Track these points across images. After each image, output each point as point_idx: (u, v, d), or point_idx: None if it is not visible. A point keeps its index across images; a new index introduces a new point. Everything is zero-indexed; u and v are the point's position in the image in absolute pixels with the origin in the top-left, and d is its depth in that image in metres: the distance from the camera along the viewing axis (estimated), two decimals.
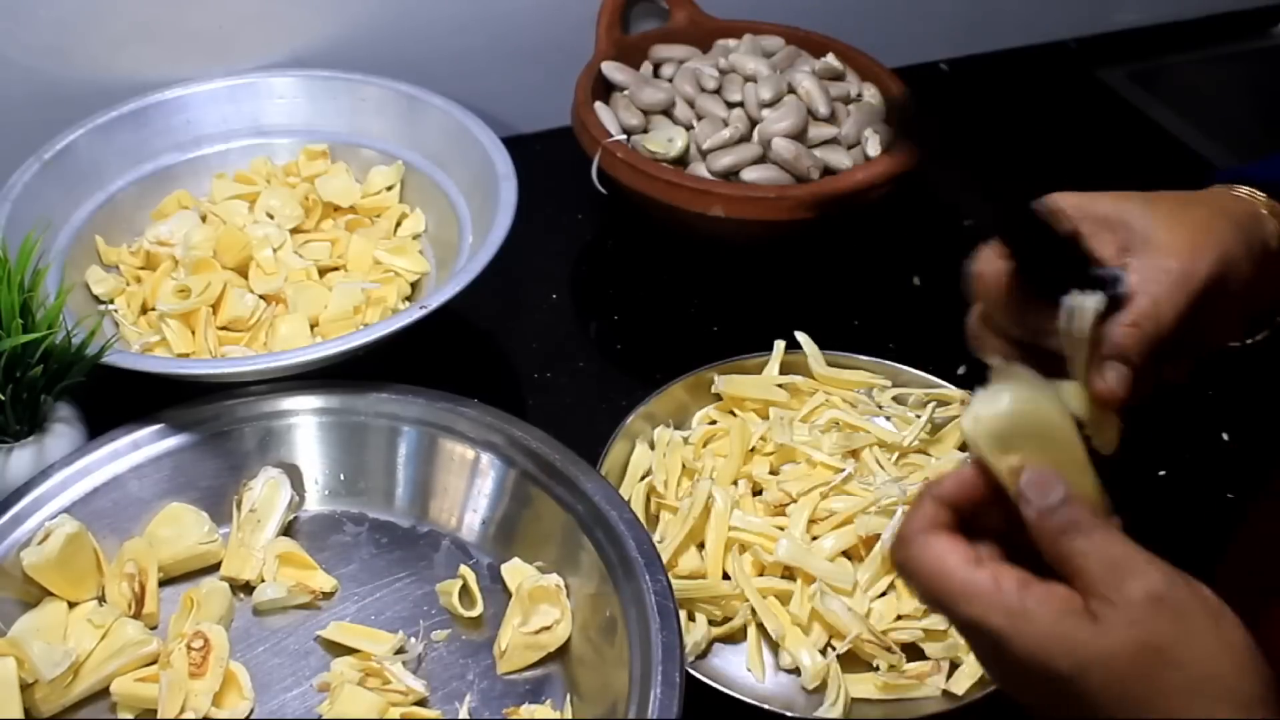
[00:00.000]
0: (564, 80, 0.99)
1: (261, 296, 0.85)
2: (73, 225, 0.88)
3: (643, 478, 0.78)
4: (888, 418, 0.82)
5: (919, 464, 0.78)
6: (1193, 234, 0.53)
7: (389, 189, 0.96)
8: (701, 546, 0.74)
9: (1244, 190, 0.58)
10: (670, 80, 1.01)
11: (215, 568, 0.73)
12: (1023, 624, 0.44)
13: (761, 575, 0.73)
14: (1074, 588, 0.44)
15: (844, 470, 0.75)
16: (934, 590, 0.46)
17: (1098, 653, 0.43)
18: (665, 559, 0.69)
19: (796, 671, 0.69)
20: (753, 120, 0.95)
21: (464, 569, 0.72)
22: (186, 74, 0.97)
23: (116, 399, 0.75)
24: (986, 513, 0.48)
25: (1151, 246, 0.54)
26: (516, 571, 0.71)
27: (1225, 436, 0.86)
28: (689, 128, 0.96)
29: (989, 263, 0.55)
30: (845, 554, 0.73)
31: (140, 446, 0.74)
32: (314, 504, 0.77)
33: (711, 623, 0.71)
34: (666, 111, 0.98)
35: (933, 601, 0.47)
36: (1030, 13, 1.27)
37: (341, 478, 0.77)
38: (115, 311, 0.86)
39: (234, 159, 0.97)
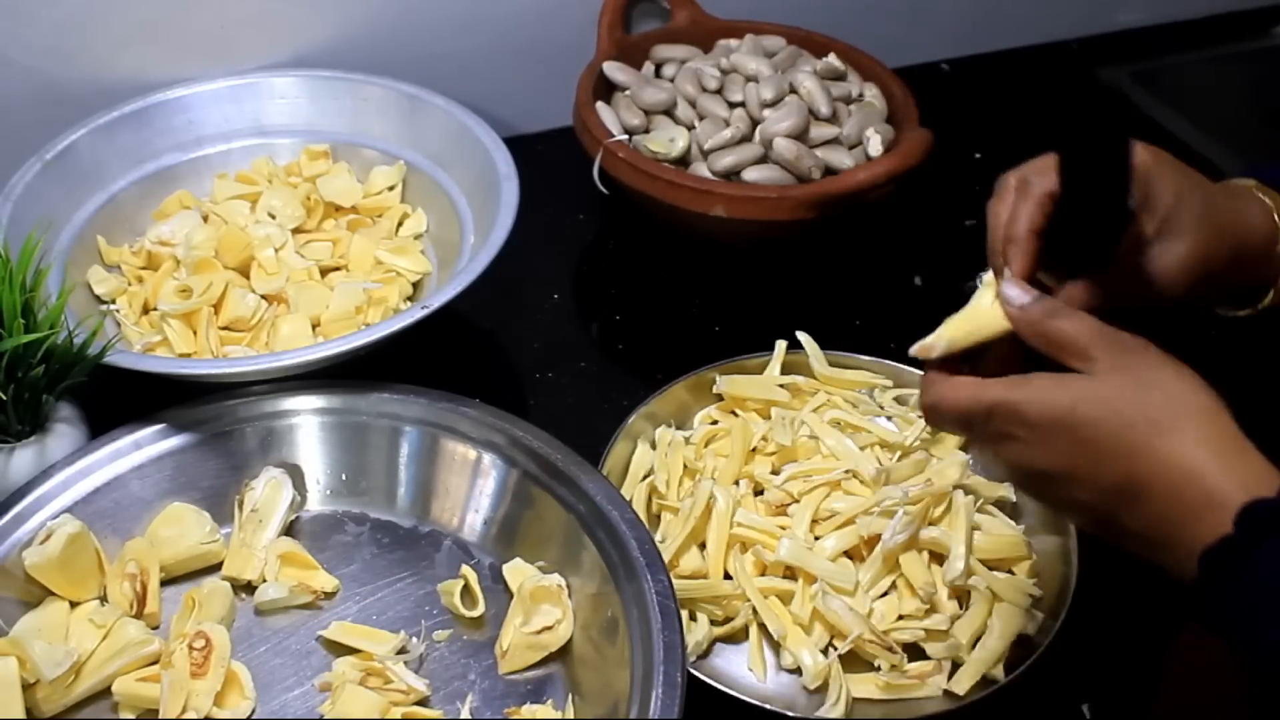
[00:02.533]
0: (565, 80, 0.99)
1: (263, 296, 0.85)
2: (74, 225, 0.88)
3: (644, 478, 0.78)
4: (889, 418, 0.82)
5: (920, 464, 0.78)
6: (1198, 219, 0.61)
7: (390, 189, 0.96)
8: (703, 546, 0.74)
9: (1262, 190, 0.66)
10: (672, 80, 1.01)
11: (217, 568, 0.73)
12: (1027, 388, 0.54)
13: (763, 575, 0.73)
14: (1068, 367, 0.54)
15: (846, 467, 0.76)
16: (956, 402, 0.56)
17: (1088, 386, 0.53)
18: (667, 559, 0.69)
19: (798, 671, 0.69)
20: (754, 120, 0.95)
21: (465, 569, 0.72)
22: (188, 74, 0.97)
23: (118, 399, 0.75)
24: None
25: (1174, 227, 0.61)
26: (518, 571, 0.71)
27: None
28: (690, 128, 0.96)
29: (1042, 174, 0.61)
30: (847, 554, 0.73)
31: (142, 446, 0.74)
32: (315, 504, 0.77)
33: (713, 623, 0.71)
34: (668, 111, 0.98)
35: (958, 414, 0.56)
36: (1032, 13, 1.27)
37: (343, 478, 0.77)
38: (117, 311, 0.86)
39: (236, 159, 0.97)
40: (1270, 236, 0.65)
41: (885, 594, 0.72)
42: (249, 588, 0.72)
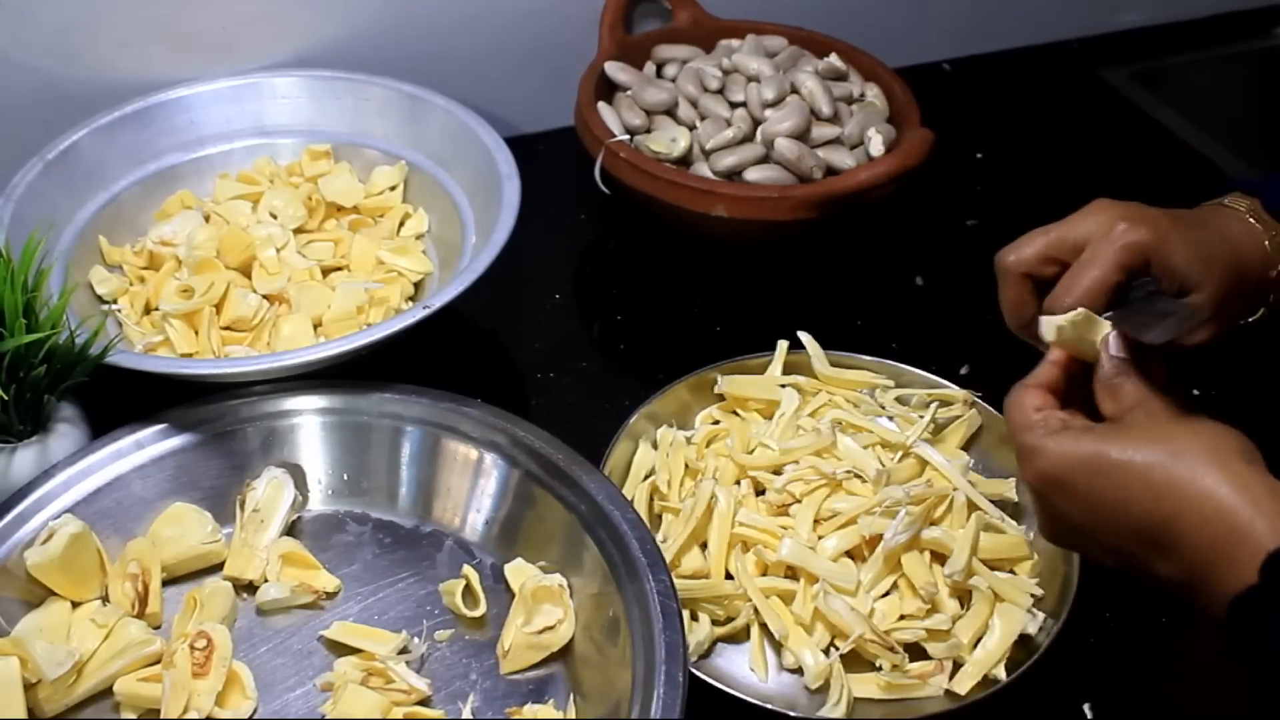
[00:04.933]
0: (567, 80, 0.99)
1: (265, 296, 0.85)
2: (76, 225, 0.89)
3: (646, 478, 0.78)
4: (890, 418, 0.82)
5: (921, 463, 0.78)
6: (1209, 270, 0.63)
7: (392, 189, 0.96)
8: (704, 546, 0.74)
9: (1255, 213, 0.66)
10: (673, 80, 1.01)
11: (218, 568, 0.73)
12: (1058, 439, 0.56)
13: (764, 575, 0.73)
14: (1107, 416, 0.57)
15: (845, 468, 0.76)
16: (1009, 421, 0.59)
17: (1112, 432, 0.55)
18: (668, 559, 0.69)
19: (799, 671, 0.69)
20: (756, 120, 0.95)
21: (467, 569, 0.72)
22: (190, 74, 0.97)
23: (119, 399, 0.75)
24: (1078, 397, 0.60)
25: (1192, 284, 0.63)
26: (519, 571, 0.71)
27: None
28: (692, 128, 0.96)
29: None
30: (848, 554, 0.73)
31: (143, 446, 0.74)
32: (317, 504, 0.77)
33: (714, 622, 0.71)
34: (669, 111, 0.98)
35: (1011, 432, 0.59)
36: (1033, 13, 1.27)
37: (345, 478, 0.77)
38: (118, 311, 0.86)
39: (237, 159, 0.97)
40: (1263, 261, 0.65)
41: (886, 594, 0.72)
42: (250, 588, 0.72)
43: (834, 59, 1.03)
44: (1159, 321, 0.58)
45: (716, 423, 0.82)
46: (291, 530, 0.75)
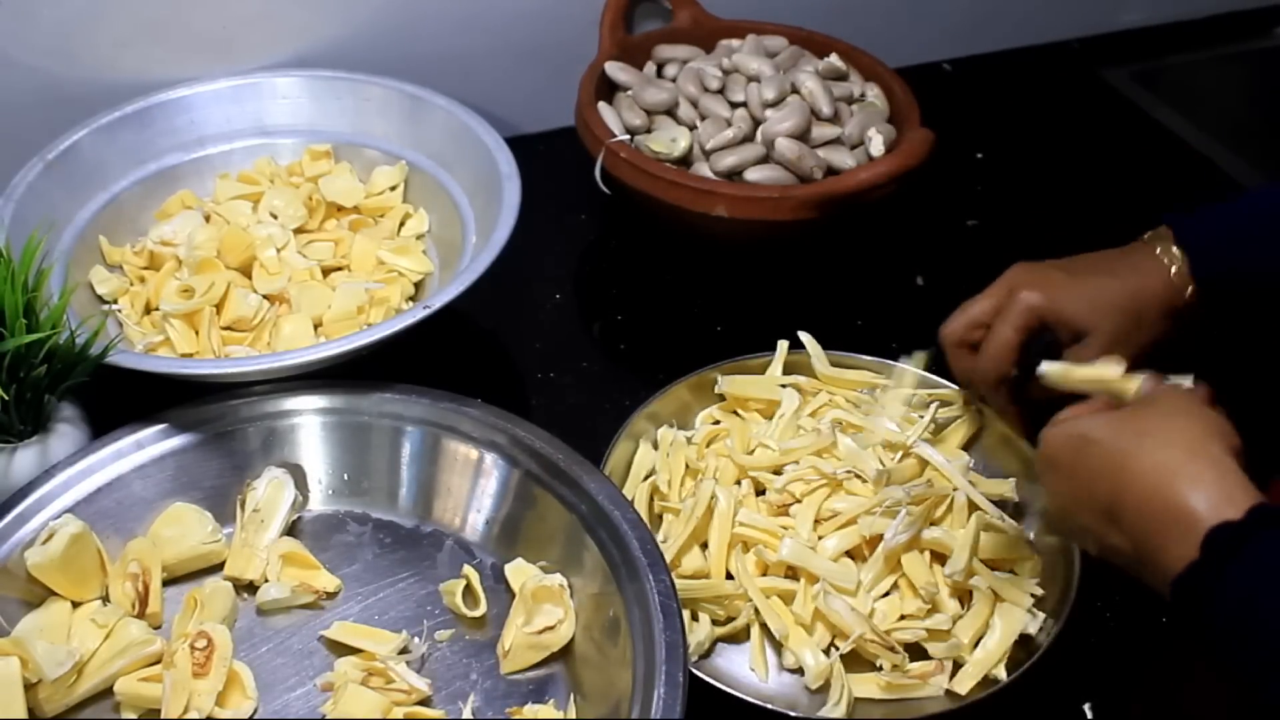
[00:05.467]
0: (567, 80, 0.99)
1: (265, 296, 0.85)
2: (76, 225, 0.89)
3: (646, 478, 0.78)
4: (891, 418, 0.82)
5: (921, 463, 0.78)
6: (1098, 315, 0.72)
7: (392, 189, 0.96)
8: (705, 546, 0.74)
9: (1165, 248, 0.73)
10: (673, 80, 1.01)
11: (219, 568, 0.73)
12: (1052, 426, 0.61)
13: (765, 575, 0.73)
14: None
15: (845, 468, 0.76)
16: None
17: (1097, 417, 0.58)
18: (669, 559, 0.69)
19: (800, 671, 0.69)
20: (756, 120, 0.95)
21: (467, 569, 0.72)
22: (190, 74, 0.97)
23: (120, 399, 0.75)
24: None
25: (1090, 338, 0.72)
26: (520, 572, 0.71)
27: None
28: (692, 128, 0.96)
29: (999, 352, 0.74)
30: (849, 554, 0.73)
31: (144, 446, 0.74)
32: (317, 504, 0.77)
33: (715, 622, 0.71)
34: (670, 111, 0.98)
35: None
36: (1033, 13, 1.27)
37: (345, 478, 0.77)
38: (119, 311, 0.86)
39: (237, 159, 0.97)
40: (1168, 291, 0.72)
41: (887, 594, 0.72)
42: (251, 588, 0.72)
43: (834, 59, 1.03)
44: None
45: (717, 423, 0.82)
46: (292, 530, 0.75)
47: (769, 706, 0.66)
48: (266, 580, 0.72)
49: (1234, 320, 0.76)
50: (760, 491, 0.77)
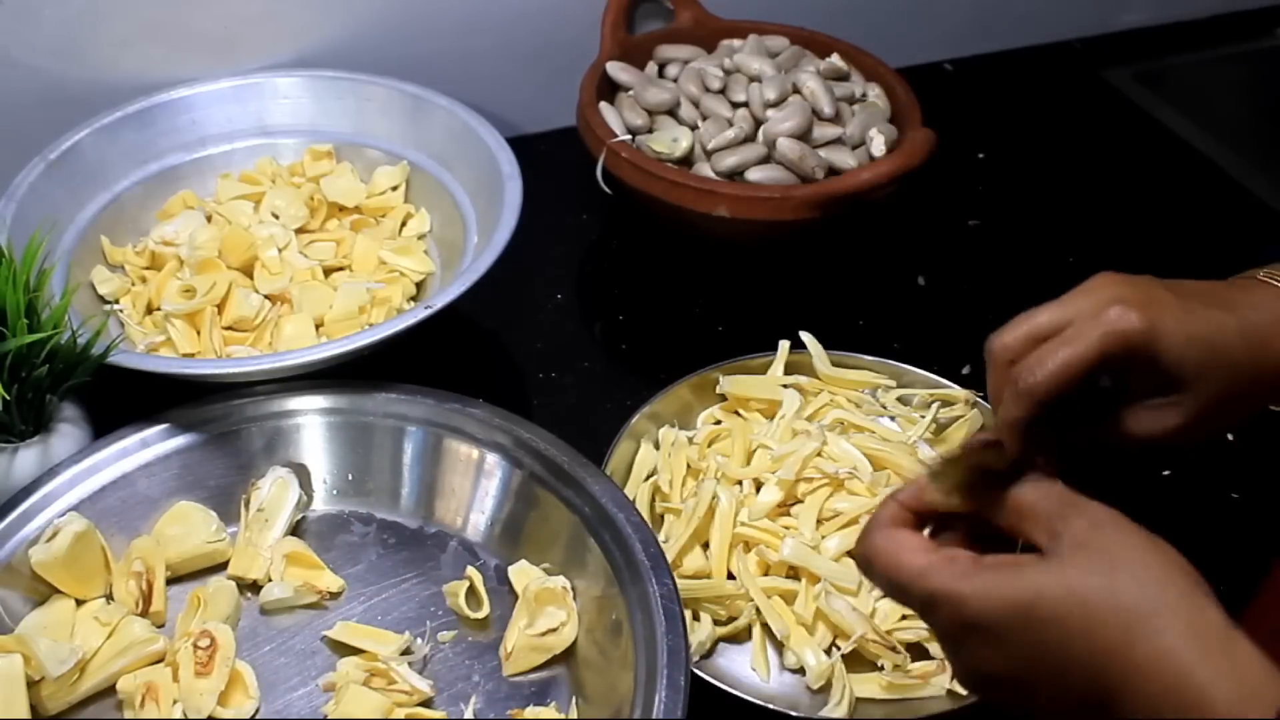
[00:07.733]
0: (569, 80, 0.99)
1: (266, 296, 0.85)
2: (78, 225, 0.89)
3: (647, 478, 0.78)
4: (892, 418, 0.82)
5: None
6: (1204, 370, 0.54)
7: (394, 189, 0.96)
8: (706, 546, 0.74)
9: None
10: (675, 80, 1.01)
11: (223, 567, 0.73)
12: (977, 580, 0.47)
13: (766, 575, 0.73)
14: (1028, 542, 0.49)
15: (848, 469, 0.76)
16: (894, 573, 0.50)
17: (1049, 573, 0.46)
18: (670, 558, 0.69)
19: (801, 671, 0.69)
20: (757, 120, 0.95)
21: (471, 570, 0.72)
22: (191, 74, 0.97)
23: (121, 399, 0.75)
24: (949, 523, 0.52)
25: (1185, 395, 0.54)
26: (523, 573, 0.71)
27: (1230, 436, 0.86)
28: (694, 128, 0.96)
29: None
30: (850, 554, 0.73)
31: (149, 445, 0.74)
32: (322, 504, 0.77)
33: (716, 622, 0.71)
34: (671, 112, 0.98)
35: (893, 586, 0.50)
36: (1035, 13, 1.27)
37: (349, 477, 0.77)
38: (120, 311, 0.87)
39: (239, 159, 0.97)
40: None
41: None
42: (254, 587, 0.72)
43: (836, 59, 1.03)
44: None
45: (718, 423, 0.82)
46: (296, 530, 0.75)
47: (770, 706, 0.66)
48: (270, 580, 0.72)
49: None
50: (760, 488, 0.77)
